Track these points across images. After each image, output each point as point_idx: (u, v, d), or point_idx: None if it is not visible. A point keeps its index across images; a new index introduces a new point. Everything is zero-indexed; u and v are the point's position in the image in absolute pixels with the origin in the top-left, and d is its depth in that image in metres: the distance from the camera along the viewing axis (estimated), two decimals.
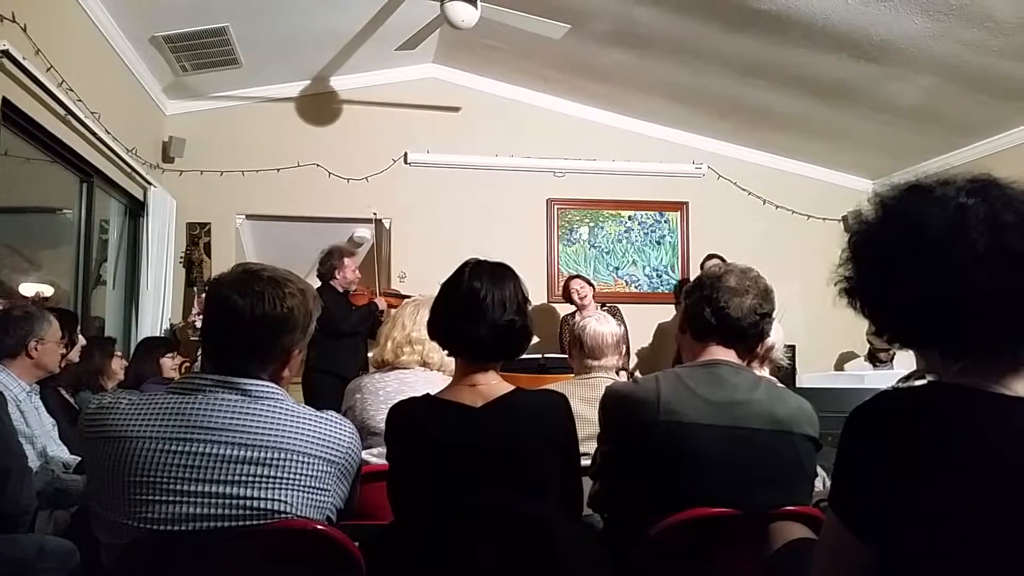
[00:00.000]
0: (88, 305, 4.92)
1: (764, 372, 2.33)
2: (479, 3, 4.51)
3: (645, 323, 6.18)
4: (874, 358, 5.68)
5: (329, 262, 5.37)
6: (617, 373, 2.95)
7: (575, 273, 6.15)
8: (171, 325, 5.66)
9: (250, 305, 1.56)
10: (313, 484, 1.55)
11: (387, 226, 6.51)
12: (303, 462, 1.54)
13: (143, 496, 1.47)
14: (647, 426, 1.79)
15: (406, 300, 2.98)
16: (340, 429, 1.63)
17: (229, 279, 1.61)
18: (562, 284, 6.03)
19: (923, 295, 1.02)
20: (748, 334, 1.88)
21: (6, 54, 3.47)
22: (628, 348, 5.73)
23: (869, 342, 5.59)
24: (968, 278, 0.99)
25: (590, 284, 5.85)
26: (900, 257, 1.05)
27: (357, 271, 5.49)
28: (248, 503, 1.49)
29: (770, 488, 1.74)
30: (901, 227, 1.06)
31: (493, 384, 1.81)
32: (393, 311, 2.89)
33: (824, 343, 6.05)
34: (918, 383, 2.03)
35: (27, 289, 4.33)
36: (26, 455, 2.44)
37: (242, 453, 1.50)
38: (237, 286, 1.58)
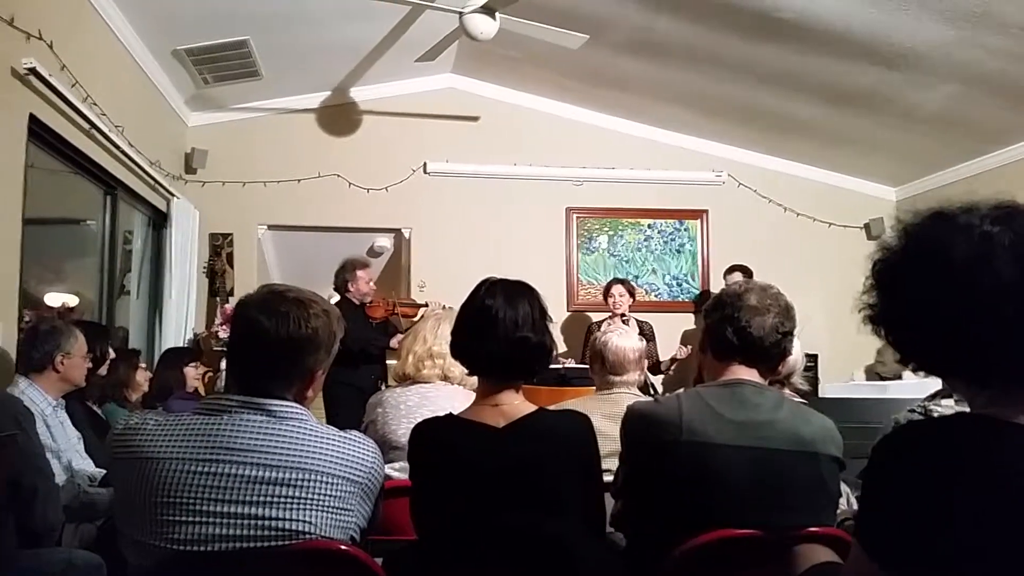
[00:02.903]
0: (112, 315, 4.99)
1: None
2: (497, 15, 4.53)
3: (665, 332, 6.14)
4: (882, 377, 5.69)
5: (342, 275, 5.41)
6: (641, 390, 2.92)
7: (620, 278, 6.07)
8: (194, 335, 5.71)
9: (275, 326, 1.58)
10: (337, 504, 1.56)
11: (407, 236, 6.54)
12: (327, 483, 1.55)
13: (170, 517, 1.49)
14: (670, 446, 1.79)
15: (427, 313, 2.99)
16: (363, 449, 1.64)
17: (255, 300, 1.63)
18: (603, 288, 6.01)
19: (948, 324, 1.02)
20: (771, 353, 1.87)
21: (33, 72, 3.53)
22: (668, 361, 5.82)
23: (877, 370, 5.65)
24: (994, 308, 0.98)
25: (631, 294, 5.82)
26: (924, 286, 1.04)
27: (372, 283, 5.50)
28: (273, 524, 1.50)
29: (794, 510, 1.72)
30: (925, 255, 1.05)
31: (516, 404, 1.81)
32: (415, 324, 2.89)
33: (847, 351, 5.98)
34: (944, 402, 2.03)
35: (53, 299, 4.38)
36: (54, 472, 2.47)
37: (267, 474, 1.51)
38: (263, 307, 1.60)
